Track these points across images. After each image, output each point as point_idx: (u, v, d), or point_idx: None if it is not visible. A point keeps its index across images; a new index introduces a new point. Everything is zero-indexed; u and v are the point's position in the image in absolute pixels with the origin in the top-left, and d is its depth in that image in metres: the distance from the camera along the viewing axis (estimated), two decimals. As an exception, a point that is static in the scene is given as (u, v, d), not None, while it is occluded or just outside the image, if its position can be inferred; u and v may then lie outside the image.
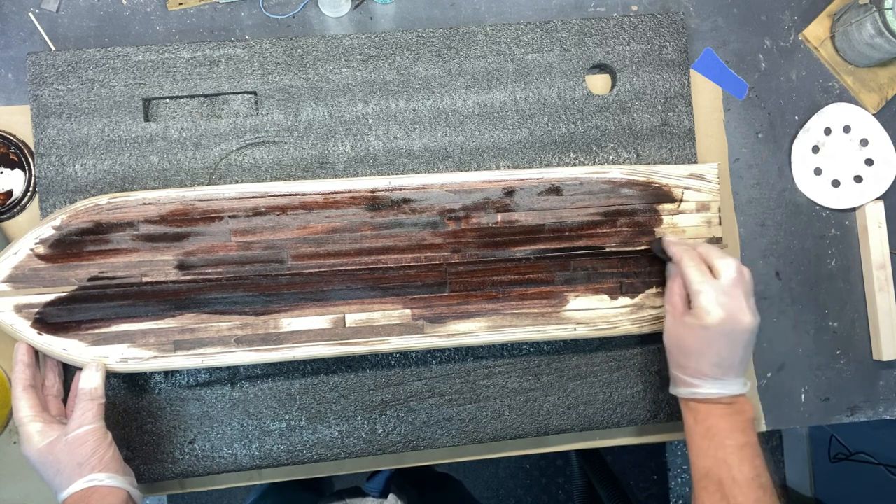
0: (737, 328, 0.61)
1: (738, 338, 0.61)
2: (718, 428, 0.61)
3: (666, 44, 0.75)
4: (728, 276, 0.61)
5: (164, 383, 0.69)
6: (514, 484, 1.75)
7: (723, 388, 0.62)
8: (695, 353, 0.62)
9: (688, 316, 0.62)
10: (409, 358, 0.72)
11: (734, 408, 0.62)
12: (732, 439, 0.60)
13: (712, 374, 0.62)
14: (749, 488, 0.58)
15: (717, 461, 0.60)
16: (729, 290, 0.61)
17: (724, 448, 0.60)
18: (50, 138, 0.68)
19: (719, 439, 0.61)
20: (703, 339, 0.61)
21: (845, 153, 0.79)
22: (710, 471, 0.60)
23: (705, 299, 0.61)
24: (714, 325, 0.60)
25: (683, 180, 0.72)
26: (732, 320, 0.60)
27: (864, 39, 0.75)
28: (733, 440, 0.60)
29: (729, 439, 0.60)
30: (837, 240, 0.80)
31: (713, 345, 0.61)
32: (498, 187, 0.69)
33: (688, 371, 0.63)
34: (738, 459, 0.59)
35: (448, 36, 0.73)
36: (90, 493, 0.58)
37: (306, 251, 0.67)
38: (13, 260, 0.63)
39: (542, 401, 0.73)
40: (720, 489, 0.59)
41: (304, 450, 0.70)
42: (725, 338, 0.61)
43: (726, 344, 0.61)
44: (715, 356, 0.61)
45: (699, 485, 0.61)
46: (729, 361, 0.61)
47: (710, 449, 0.61)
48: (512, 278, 0.69)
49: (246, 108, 0.72)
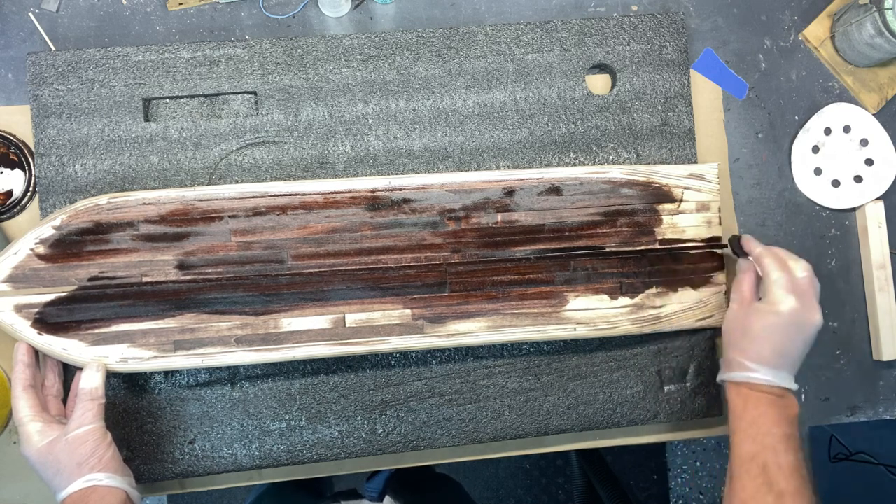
0: (806, 321, 0.63)
1: (804, 331, 0.64)
2: (768, 416, 0.62)
3: (666, 44, 0.75)
4: (803, 275, 0.64)
5: (164, 383, 0.69)
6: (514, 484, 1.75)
7: (777, 378, 0.63)
8: (760, 337, 0.64)
9: (761, 303, 0.64)
10: (409, 358, 0.72)
11: (783, 401, 0.63)
12: (779, 428, 0.61)
13: (772, 361, 0.63)
14: (792, 476, 0.59)
15: (763, 447, 0.61)
16: (803, 286, 0.64)
17: (772, 435, 0.61)
18: (50, 138, 0.68)
19: (767, 427, 0.61)
20: (773, 325, 0.63)
21: (845, 153, 0.79)
22: (756, 455, 0.61)
23: (781, 288, 0.63)
24: (786, 312, 0.63)
25: (683, 180, 0.72)
26: (803, 312, 0.63)
27: (864, 39, 0.75)
28: (780, 429, 0.61)
29: (776, 427, 0.61)
30: (837, 240, 0.80)
31: (780, 332, 0.63)
32: (498, 187, 0.69)
33: (748, 355, 0.64)
34: (784, 448, 0.60)
35: (448, 36, 0.73)
36: (89, 493, 0.58)
37: (306, 251, 0.67)
38: (13, 260, 0.63)
39: (542, 401, 0.73)
40: (764, 473, 0.60)
41: (304, 450, 0.70)
42: (793, 327, 0.63)
43: (792, 334, 0.63)
44: (779, 344, 0.63)
45: (742, 468, 0.61)
46: (789, 352, 0.63)
47: (757, 435, 0.61)
48: (512, 278, 0.69)
49: (246, 108, 0.72)
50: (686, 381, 0.74)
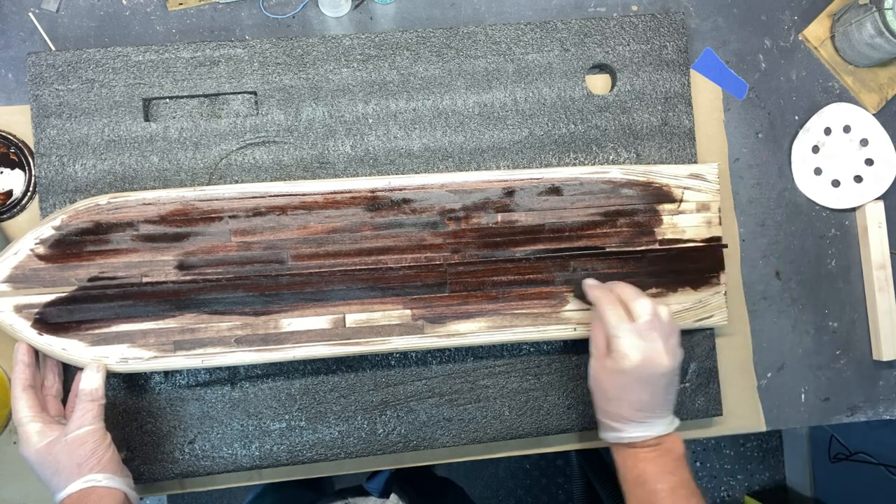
0: (654, 371, 0.60)
1: (657, 381, 0.61)
2: (648, 473, 0.60)
3: (666, 44, 0.75)
4: (644, 319, 0.61)
5: (164, 383, 0.69)
6: (514, 484, 1.76)
7: (647, 430, 0.61)
8: (615, 398, 0.61)
9: (608, 359, 0.62)
10: (409, 358, 0.72)
11: (661, 448, 0.61)
12: (664, 482, 0.60)
13: (634, 417, 0.61)
14: None
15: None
16: (645, 333, 0.60)
17: (657, 494, 0.59)
18: (50, 138, 0.68)
19: (651, 485, 0.60)
20: (622, 384, 0.61)
21: (845, 153, 0.79)
22: None
23: (621, 343, 0.60)
24: (630, 368, 0.60)
25: (683, 180, 0.72)
26: (649, 363, 0.60)
27: (864, 39, 0.75)
28: (665, 483, 0.60)
29: (660, 483, 0.60)
30: (837, 240, 0.80)
31: (632, 388, 0.61)
32: (498, 187, 0.69)
33: (610, 415, 0.62)
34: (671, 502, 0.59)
35: (448, 36, 0.73)
36: (88, 494, 0.58)
37: (306, 251, 0.67)
38: (13, 260, 0.63)
39: (542, 401, 0.73)
40: None
41: (304, 450, 0.70)
42: (643, 381, 0.60)
43: (645, 387, 0.61)
44: (636, 400, 0.61)
45: None
46: (650, 404, 0.61)
47: (642, 495, 0.60)
48: (512, 278, 0.69)
49: (246, 108, 0.72)
50: (686, 382, 0.74)
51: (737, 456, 1.84)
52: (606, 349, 0.62)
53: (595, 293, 0.65)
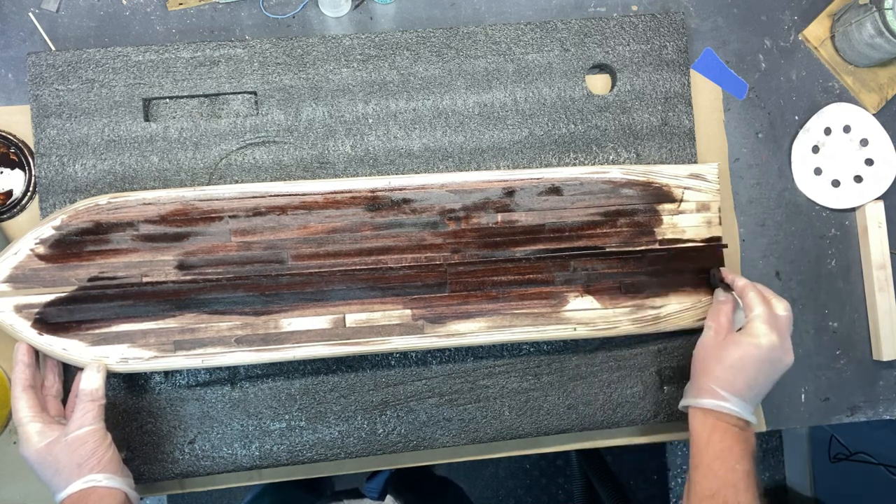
0: (781, 359, 0.65)
1: (777, 368, 0.65)
2: (733, 451, 0.62)
3: (666, 44, 0.75)
4: (784, 313, 0.66)
5: (164, 383, 0.69)
6: (514, 484, 1.75)
7: (744, 411, 0.63)
8: (735, 367, 0.64)
9: (741, 334, 0.65)
10: (409, 358, 0.72)
11: (746, 434, 0.63)
12: (742, 465, 0.61)
13: (743, 392, 0.64)
14: None
15: (724, 483, 0.61)
16: (783, 324, 0.65)
17: (734, 472, 0.61)
18: (50, 138, 0.68)
19: (731, 463, 0.61)
20: (750, 357, 0.64)
21: (845, 153, 0.79)
22: (717, 493, 0.61)
23: (764, 323, 0.64)
24: (766, 346, 0.63)
25: (683, 180, 0.72)
26: (780, 349, 0.64)
27: (864, 39, 0.75)
28: (742, 466, 0.61)
29: (739, 464, 0.61)
30: (837, 240, 0.80)
31: (756, 365, 0.64)
32: (498, 187, 0.69)
33: (721, 382, 0.64)
34: (745, 486, 0.61)
35: (448, 36, 0.73)
36: (88, 494, 0.58)
37: (306, 251, 0.67)
38: (13, 260, 0.63)
39: (542, 401, 0.73)
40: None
41: (304, 450, 0.70)
42: (768, 363, 0.64)
43: (766, 369, 0.64)
44: (752, 377, 0.64)
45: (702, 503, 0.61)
46: (760, 386, 0.65)
47: (720, 470, 0.61)
48: (512, 278, 0.69)
49: (246, 108, 0.72)
50: (686, 381, 0.74)
51: (737, 456, 1.83)
52: (731, 326, 0.67)
53: (740, 281, 0.69)
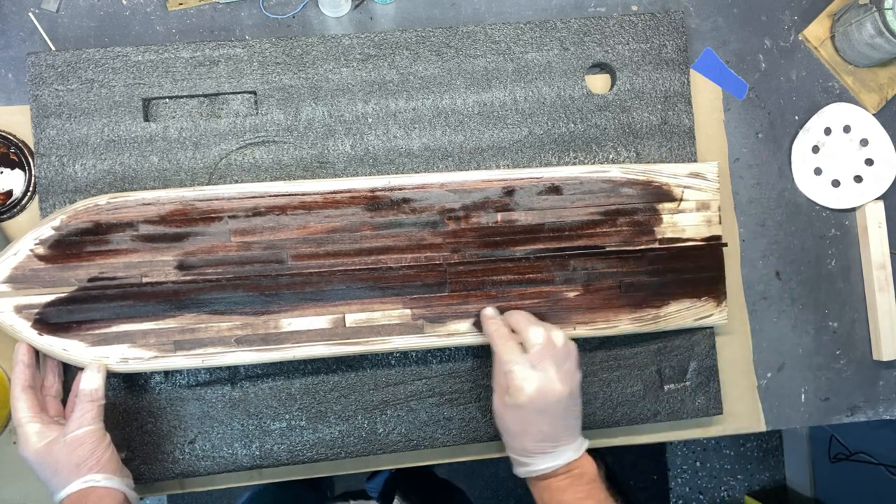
0: (549, 400, 0.59)
1: (554, 409, 0.60)
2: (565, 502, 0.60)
3: (665, 43, 0.75)
4: (535, 348, 0.61)
5: (165, 383, 0.69)
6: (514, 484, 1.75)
7: (555, 460, 0.60)
8: (518, 432, 0.61)
9: (506, 395, 0.61)
10: (409, 357, 0.72)
11: (573, 474, 0.61)
12: None
13: (539, 449, 0.61)
14: None
15: None
16: (537, 363, 0.60)
17: None
18: (50, 138, 0.68)
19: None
20: (522, 419, 0.60)
21: (845, 153, 0.79)
22: None
23: (515, 377, 0.60)
24: (526, 402, 0.59)
25: (683, 179, 0.72)
26: (543, 394, 0.59)
27: (864, 39, 0.75)
28: None
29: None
30: (837, 240, 0.80)
31: (531, 421, 0.60)
32: (498, 187, 0.69)
33: (517, 451, 0.62)
34: None
35: (448, 35, 0.73)
36: (87, 494, 0.58)
37: (306, 251, 0.67)
38: (13, 260, 0.63)
39: (542, 400, 0.73)
40: None
41: (305, 449, 0.70)
42: (541, 413, 0.60)
43: (544, 418, 0.60)
44: (537, 432, 0.60)
45: None
46: (552, 434, 0.60)
47: None
48: (511, 278, 0.69)
49: (246, 107, 0.72)
50: (686, 380, 0.74)
51: (737, 456, 1.84)
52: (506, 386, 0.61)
53: (488, 327, 0.64)
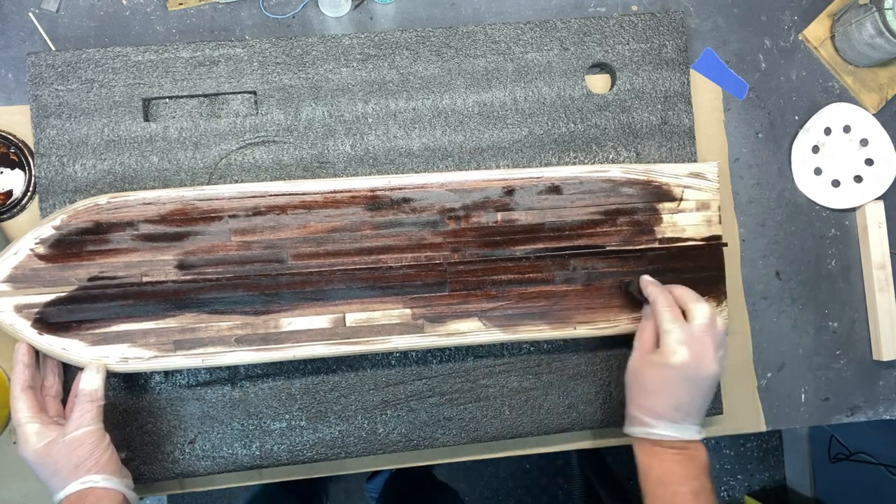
0: (699, 373, 0.60)
1: (700, 383, 0.61)
2: (672, 474, 0.60)
3: (665, 43, 0.75)
4: (699, 321, 0.61)
5: (165, 383, 0.69)
6: (514, 484, 1.75)
7: (677, 432, 0.61)
8: (654, 391, 0.61)
9: (654, 354, 0.62)
10: (409, 357, 0.72)
11: (687, 453, 0.61)
12: (687, 486, 0.60)
13: (669, 415, 0.61)
14: None
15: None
16: (698, 335, 0.61)
17: (679, 494, 0.59)
18: (50, 138, 0.68)
19: (674, 486, 0.60)
20: (665, 379, 0.61)
21: (845, 153, 0.79)
22: None
23: (673, 339, 0.61)
24: (678, 365, 0.60)
25: (683, 179, 0.72)
26: (696, 364, 0.60)
27: (864, 39, 0.75)
28: (688, 487, 0.60)
29: (683, 486, 0.60)
30: (837, 240, 0.80)
31: (674, 386, 0.61)
32: (498, 186, 0.69)
33: (644, 409, 0.62)
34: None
35: (448, 35, 0.73)
36: (86, 495, 0.58)
37: (306, 251, 0.67)
38: (13, 260, 0.63)
39: (543, 400, 0.73)
40: None
41: (305, 449, 0.70)
42: (686, 381, 0.60)
43: (686, 387, 0.61)
44: (674, 398, 0.61)
45: None
46: (687, 406, 0.61)
47: (665, 495, 0.60)
48: (512, 277, 0.69)
49: (245, 107, 0.72)
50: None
51: (737, 456, 1.84)
52: (654, 345, 0.63)
53: (652, 290, 0.65)
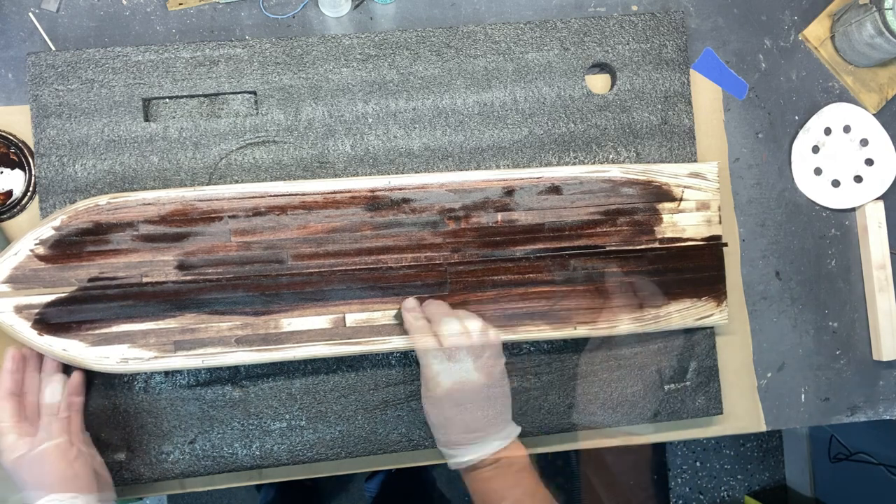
0: (466, 393, 0.59)
1: (473, 400, 0.60)
2: (491, 491, 0.59)
3: (666, 43, 0.75)
4: (450, 340, 0.60)
5: (165, 383, 0.69)
6: (514, 484, 1.75)
7: (481, 450, 0.60)
8: (441, 424, 0.61)
9: (427, 390, 0.61)
10: (409, 357, 0.72)
11: (501, 463, 0.60)
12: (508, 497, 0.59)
13: (464, 440, 0.60)
14: None
15: None
16: (452, 354, 0.60)
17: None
18: (50, 138, 0.68)
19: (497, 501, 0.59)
20: (441, 411, 0.60)
21: (845, 153, 0.79)
22: None
23: (431, 371, 0.60)
24: (443, 396, 0.59)
25: (683, 179, 0.72)
26: (459, 387, 0.59)
27: (864, 39, 0.75)
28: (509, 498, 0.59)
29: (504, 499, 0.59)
30: (837, 240, 0.80)
31: (452, 414, 0.60)
32: (498, 187, 0.69)
33: (443, 443, 0.62)
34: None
35: (448, 35, 0.73)
36: None
37: (306, 251, 0.67)
38: (13, 260, 0.63)
39: (542, 400, 0.73)
40: None
41: (305, 449, 0.70)
42: (459, 406, 0.59)
43: (464, 411, 0.60)
44: (460, 423, 0.60)
45: None
46: (474, 425, 0.60)
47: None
48: (512, 278, 0.69)
49: (246, 107, 0.72)
50: (686, 380, 0.74)
51: (737, 456, 1.84)
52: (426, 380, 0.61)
53: (406, 319, 0.63)
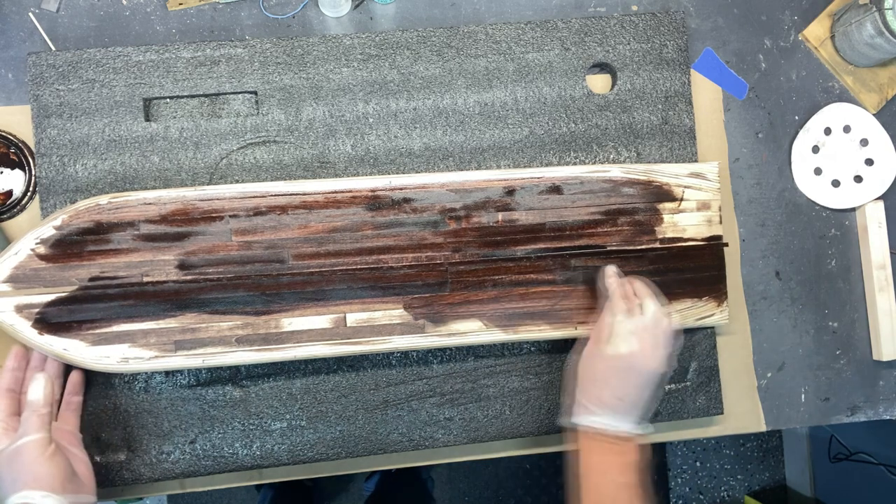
0: (644, 367, 0.62)
1: (643, 376, 0.62)
2: (612, 465, 0.61)
3: (666, 42, 0.75)
4: (649, 316, 0.63)
5: (165, 383, 0.69)
6: (514, 484, 1.75)
7: (616, 422, 0.62)
8: (600, 380, 0.63)
9: (606, 344, 0.63)
10: (409, 357, 0.72)
11: (626, 447, 0.61)
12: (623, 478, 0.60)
13: (612, 404, 0.62)
14: None
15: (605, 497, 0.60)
16: (648, 329, 0.63)
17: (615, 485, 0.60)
18: (50, 138, 0.68)
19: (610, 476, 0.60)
20: (612, 368, 0.62)
21: (845, 153, 0.79)
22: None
23: (622, 329, 0.62)
24: (626, 354, 0.61)
25: (684, 179, 0.72)
26: (642, 356, 0.62)
27: (864, 39, 0.75)
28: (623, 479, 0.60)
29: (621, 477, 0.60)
30: (837, 240, 0.80)
31: (618, 375, 0.62)
32: (498, 186, 0.69)
33: (590, 397, 0.63)
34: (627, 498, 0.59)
35: (448, 35, 0.73)
36: None
37: (307, 251, 0.67)
38: (14, 260, 0.63)
39: (543, 400, 0.73)
40: None
41: (305, 449, 0.70)
42: (631, 372, 0.62)
43: (631, 378, 0.62)
44: (618, 387, 0.62)
45: None
46: (629, 396, 0.62)
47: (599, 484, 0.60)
48: (513, 277, 0.69)
49: (246, 107, 0.72)
50: (687, 381, 0.74)
51: (737, 456, 1.84)
52: (607, 336, 0.64)
53: (610, 282, 0.67)
